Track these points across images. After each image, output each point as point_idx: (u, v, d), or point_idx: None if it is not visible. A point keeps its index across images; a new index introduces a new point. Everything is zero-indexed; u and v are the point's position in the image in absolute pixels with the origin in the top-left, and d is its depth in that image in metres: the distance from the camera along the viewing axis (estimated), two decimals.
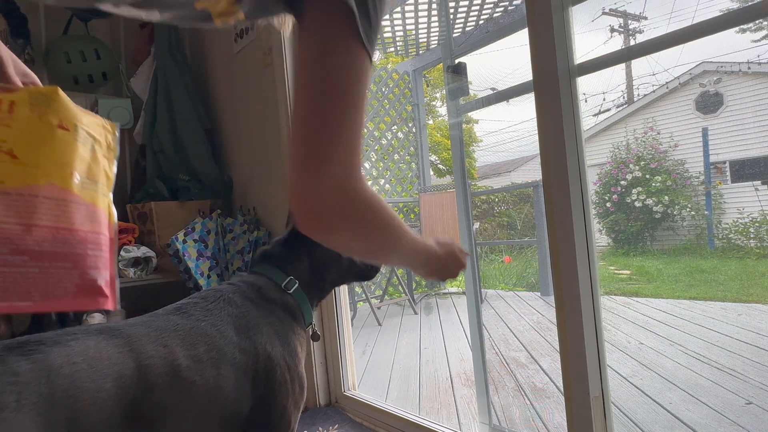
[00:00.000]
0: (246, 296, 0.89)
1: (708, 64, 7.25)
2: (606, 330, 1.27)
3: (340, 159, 0.49)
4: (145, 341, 0.72)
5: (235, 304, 0.86)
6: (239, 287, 0.91)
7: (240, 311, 0.86)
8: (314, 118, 0.49)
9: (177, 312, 0.82)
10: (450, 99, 1.56)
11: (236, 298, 0.87)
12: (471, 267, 1.60)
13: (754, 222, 6.19)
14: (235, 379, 0.79)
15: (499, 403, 1.90)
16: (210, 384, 0.76)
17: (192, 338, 0.77)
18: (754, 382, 1.95)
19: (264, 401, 0.83)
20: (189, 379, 0.73)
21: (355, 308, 3.95)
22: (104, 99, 2.38)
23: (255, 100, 2.05)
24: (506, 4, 3.97)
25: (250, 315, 0.86)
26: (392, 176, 4.82)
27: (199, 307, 0.84)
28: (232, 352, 0.80)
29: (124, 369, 0.67)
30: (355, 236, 0.54)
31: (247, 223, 1.99)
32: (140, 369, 0.69)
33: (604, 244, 7.58)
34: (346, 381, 1.83)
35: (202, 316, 0.82)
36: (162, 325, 0.77)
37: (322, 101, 0.50)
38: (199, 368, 0.75)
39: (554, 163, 1.01)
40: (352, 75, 0.50)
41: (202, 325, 0.80)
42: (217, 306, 0.84)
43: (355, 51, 0.50)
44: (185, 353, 0.75)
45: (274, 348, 0.86)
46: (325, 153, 0.49)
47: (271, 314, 0.90)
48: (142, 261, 2.03)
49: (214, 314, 0.83)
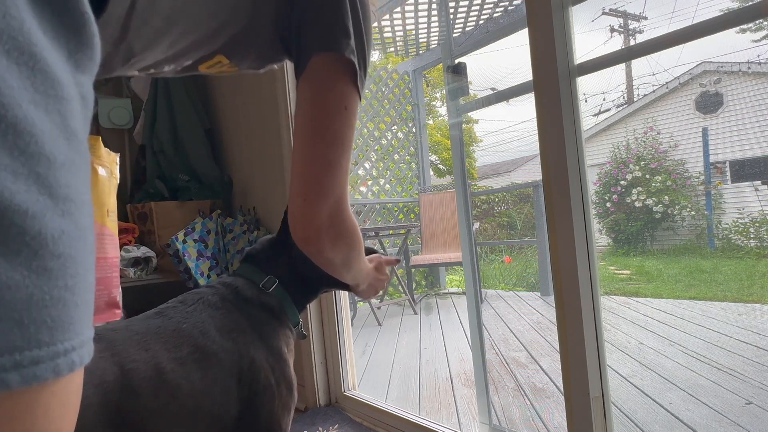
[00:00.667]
0: (225, 298, 0.87)
1: (708, 64, 7.25)
2: (606, 330, 1.27)
3: (333, 192, 0.60)
4: (128, 345, 0.70)
5: (215, 305, 0.85)
6: (218, 289, 0.89)
7: (220, 313, 0.84)
8: (312, 157, 0.60)
9: (157, 316, 0.80)
10: (450, 99, 1.56)
11: (215, 300, 0.86)
12: (471, 267, 1.60)
13: (754, 222, 6.19)
14: (222, 381, 0.78)
15: (499, 403, 1.90)
16: (196, 386, 0.74)
17: (175, 341, 0.76)
18: (754, 382, 1.95)
19: (250, 405, 0.82)
20: (174, 383, 0.72)
21: (355, 308, 3.95)
22: (104, 99, 2.38)
23: (255, 100, 2.05)
24: (506, 4, 3.97)
25: (231, 317, 0.84)
26: (392, 176, 4.82)
27: (178, 310, 0.82)
28: (217, 353, 0.78)
29: (106, 374, 0.65)
30: (338, 253, 0.67)
31: (247, 223, 1.99)
32: (124, 374, 0.67)
33: (604, 244, 7.58)
34: (346, 381, 1.82)
35: (183, 319, 0.80)
36: (143, 329, 0.75)
37: (320, 143, 0.60)
38: (185, 371, 0.73)
39: (554, 163, 1.01)
40: (346, 121, 0.60)
41: (184, 327, 0.78)
42: (196, 308, 0.83)
43: (351, 98, 0.60)
44: (169, 356, 0.73)
45: (256, 350, 0.84)
46: (320, 187, 0.60)
47: (252, 316, 0.88)
48: (142, 261, 2.03)
49: (194, 316, 0.81)
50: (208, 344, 0.78)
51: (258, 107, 2.04)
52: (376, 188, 4.75)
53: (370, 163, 4.74)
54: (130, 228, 2.08)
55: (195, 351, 0.76)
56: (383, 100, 4.72)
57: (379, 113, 4.68)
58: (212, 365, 0.77)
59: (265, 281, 0.93)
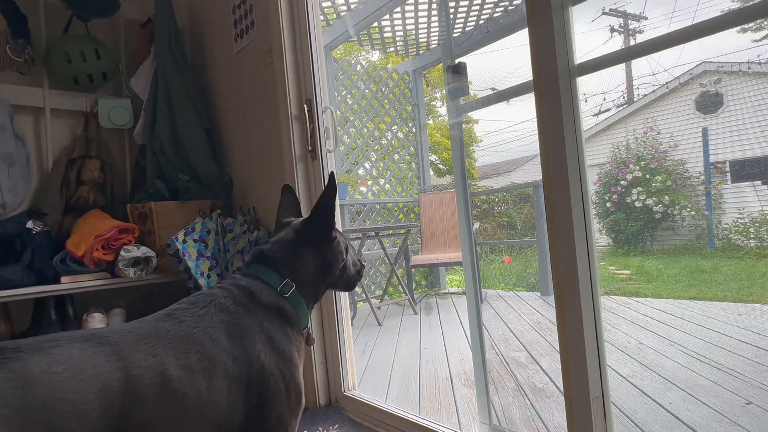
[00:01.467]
0: (238, 301, 0.85)
1: (708, 64, 7.25)
2: (606, 330, 1.27)
3: None
4: (135, 350, 0.68)
5: (227, 309, 0.83)
6: (231, 292, 0.87)
7: (232, 318, 0.82)
8: None
9: (167, 318, 0.78)
10: (450, 99, 1.56)
11: (228, 304, 0.84)
12: (471, 267, 1.60)
13: (754, 222, 6.18)
14: (228, 389, 0.76)
15: (499, 403, 1.90)
16: (202, 396, 0.72)
17: (183, 346, 0.74)
18: (754, 382, 1.95)
19: (258, 411, 0.80)
20: (180, 391, 0.70)
21: (355, 308, 3.95)
22: (104, 99, 2.38)
23: (255, 100, 2.05)
24: (506, 4, 3.97)
25: (243, 322, 0.82)
26: (392, 176, 4.82)
27: (189, 312, 0.80)
28: (225, 362, 0.77)
29: (110, 379, 0.63)
30: None
31: (247, 223, 1.99)
32: (128, 380, 0.65)
33: (604, 244, 7.57)
34: (346, 381, 1.82)
35: (194, 323, 0.78)
36: (152, 333, 0.73)
37: None
38: (191, 379, 0.72)
39: (554, 163, 1.01)
40: None
41: (194, 332, 0.76)
42: (208, 312, 0.81)
43: None
44: (176, 363, 0.71)
45: (267, 357, 0.82)
46: None
47: (265, 320, 0.86)
48: (142, 261, 2.03)
49: (205, 321, 0.79)
50: (218, 352, 0.77)
51: (258, 107, 2.04)
52: (376, 188, 4.75)
53: (370, 163, 4.74)
54: (130, 228, 2.08)
55: (203, 358, 0.74)
56: (383, 100, 4.72)
57: (379, 113, 4.68)
58: (220, 374, 0.75)
59: (282, 285, 0.92)
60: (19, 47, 2.05)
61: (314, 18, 1.83)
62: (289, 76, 1.82)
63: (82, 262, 1.96)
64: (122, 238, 2.04)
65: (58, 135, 2.33)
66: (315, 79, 1.81)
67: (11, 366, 0.57)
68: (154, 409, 0.67)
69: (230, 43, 2.17)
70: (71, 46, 2.23)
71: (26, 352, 0.60)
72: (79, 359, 0.63)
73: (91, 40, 2.31)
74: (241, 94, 2.17)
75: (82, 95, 2.35)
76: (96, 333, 0.69)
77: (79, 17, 2.30)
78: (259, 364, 0.81)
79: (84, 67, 2.25)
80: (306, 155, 1.85)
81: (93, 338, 0.67)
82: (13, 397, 0.55)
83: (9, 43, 2.01)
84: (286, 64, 1.82)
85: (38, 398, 0.57)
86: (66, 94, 2.33)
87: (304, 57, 1.82)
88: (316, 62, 1.82)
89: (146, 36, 2.41)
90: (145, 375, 0.67)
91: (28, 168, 2.16)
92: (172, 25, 2.33)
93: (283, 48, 1.81)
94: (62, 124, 2.34)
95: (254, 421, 0.80)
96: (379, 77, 4.75)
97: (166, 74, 2.27)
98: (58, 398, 0.58)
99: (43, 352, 0.61)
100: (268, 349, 0.83)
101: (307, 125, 1.83)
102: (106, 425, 0.62)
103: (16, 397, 0.55)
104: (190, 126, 2.26)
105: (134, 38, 2.51)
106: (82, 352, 0.64)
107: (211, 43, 2.42)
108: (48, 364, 0.60)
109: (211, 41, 2.41)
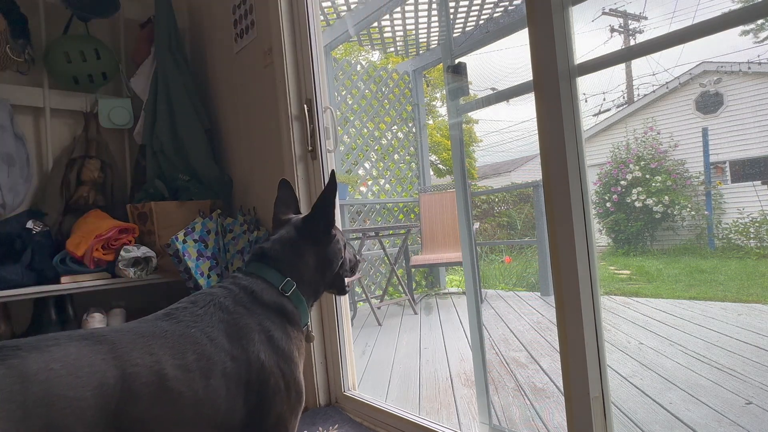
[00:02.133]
0: (238, 300, 0.85)
1: (708, 64, 7.25)
2: (606, 330, 1.27)
3: None
4: (131, 348, 0.69)
5: (227, 309, 0.83)
6: (231, 291, 0.87)
7: (232, 317, 0.82)
8: None
9: (166, 318, 0.78)
10: (450, 99, 1.56)
11: (228, 303, 0.84)
12: (471, 267, 1.60)
13: (754, 222, 6.18)
14: (226, 389, 0.76)
15: (499, 403, 1.90)
16: (198, 395, 0.72)
17: (181, 346, 0.74)
18: (754, 382, 1.95)
19: (258, 410, 0.80)
20: (176, 390, 0.70)
21: (355, 308, 3.95)
22: (104, 99, 2.38)
23: (255, 100, 2.05)
24: (506, 4, 3.97)
25: (243, 321, 0.82)
26: (392, 176, 4.82)
27: (188, 312, 0.80)
28: (223, 361, 0.76)
29: (106, 377, 0.64)
30: None
31: (247, 223, 1.99)
32: (124, 378, 0.66)
33: (604, 244, 7.57)
34: (346, 381, 1.82)
35: (192, 322, 0.78)
36: (150, 332, 0.73)
37: None
38: (187, 378, 0.72)
39: (554, 163, 1.01)
40: None
41: (192, 332, 0.76)
42: (207, 311, 0.81)
43: None
44: (173, 362, 0.71)
45: (267, 355, 0.82)
46: None
47: (266, 319, 0.86)
48: (142, 261, 2.03)
49: (204, 320, 0.79)
50: (216, 351, 0.76)
51: (258, 107, 2.04)
52: (376, 188, 4.75)
53: (370, 163, 4.74)
54: (130, 228, 2.08)
55: (201, 358, 0.74)
56: (383, 100, 4.72)
57: (379, 113, 4.68)
58: (218, 374, 0.75)
59: (284, 284, 0.92)
60: (19, 47, 2.06)
61: (314, 18, 1.83)
62: (289, 76, 1.82)
63: (82, 262, 1.96)
64: (122, 238, 2.04)
65: (58, 135, 2.33)
66: (315, 79, 1.81)
67: (10, 363, 0.58)
68: (149, 408, 0.67)
69: (230, 43, 2.17)
70: (71, 46, 2.23)
71: (25, 350, 0.61)
72: (76, 357, 0.63)
73: (91, 40, 2.31)
74: (241, 94, 2.17)
75: (82, 95, 2.35)
76: (94, 332, 0.70)
77: (79, 17, 2.30)
78: (258, 363, 0.81)
79: (84, 67, 2.25)
80: (306, 155, 1.85)
81: (90, 337, 0.68)
82: (14, 393, 0.56)
83: (9, 43, 2.01)
84: (286, 64, 1.82)
85: (36, 394, 0.58)
86: (66, 94, 2.33)
87: (304, 57, 1.82)
88: (316, 62, 1.82)
89: (146, 36, 2.41)
90: (140, 373, 0.68)
91: (28, 168, 2.16)
92: (172, 25, 2.33)
93: (283, 48, 1.81)
94: (62, 124, 2.34)
95: (254, 419, 0.80)
96: (379, 77, 4.75)
97: (166, 74, 2.27)
98: (55, 395, 0.59)
99: (41, 350, 0.62)
100: (267, 348, 0.83)
101: (307, 125, 1.83)
102: (102, 422, 0.63)
103: (16, 392, 0.56)
104: (190, 126, 2.26)
105: (134, 38, 2.51)
106: (79, 350, 0.65)
107: (211, 43, 2.42)
108: (46, 361, 0.60)
109: (211, 41, 2.41)
